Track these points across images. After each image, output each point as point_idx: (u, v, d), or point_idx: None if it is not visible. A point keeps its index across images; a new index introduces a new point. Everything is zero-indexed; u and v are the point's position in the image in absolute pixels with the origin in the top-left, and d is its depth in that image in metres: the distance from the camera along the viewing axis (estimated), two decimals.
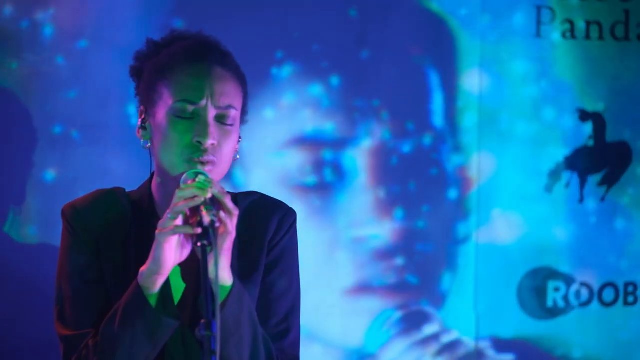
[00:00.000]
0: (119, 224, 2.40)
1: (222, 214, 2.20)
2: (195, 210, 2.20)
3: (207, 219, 2.15)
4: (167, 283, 2.28)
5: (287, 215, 2.46)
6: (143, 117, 2.40)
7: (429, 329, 4.01)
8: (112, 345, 2.24)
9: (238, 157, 2.40)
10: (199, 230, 2.14)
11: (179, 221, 2.21)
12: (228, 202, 2.22)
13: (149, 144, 2.38)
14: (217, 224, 2.16)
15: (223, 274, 2.23)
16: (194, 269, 2.32)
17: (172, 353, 2.32)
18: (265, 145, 3.78)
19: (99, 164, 3.57)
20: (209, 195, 2.20)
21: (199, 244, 2.14)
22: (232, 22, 3.67)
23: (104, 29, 3.58)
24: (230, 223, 2.21)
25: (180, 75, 2.34)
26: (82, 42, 3.57)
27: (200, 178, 2.24)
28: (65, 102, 3.56)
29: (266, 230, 2.43)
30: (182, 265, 2.29)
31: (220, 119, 2.34)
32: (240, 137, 2.40)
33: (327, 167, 3.86)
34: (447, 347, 4.02)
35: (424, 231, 3.98)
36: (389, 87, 3.90)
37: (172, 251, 2.22)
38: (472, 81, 3.98)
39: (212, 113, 2.33)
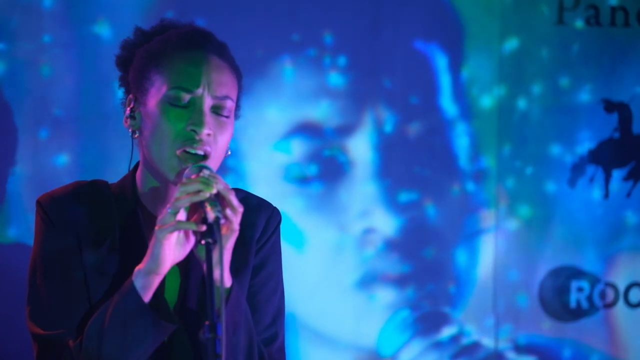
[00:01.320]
0: (101, 217, 2.36)
1: (227, 210, 2.18)
2: (197, 207, 2.16)
3: (212, 215, 2.12)
4: (160, 283, 2.24)
5: (273, 215, 2.48)
6: (132, 105, 2.37)
7: (447, 331, 3.97)
8: (99, 347, 2.18)
9: (229, 152, 2.38)
10: (204, 228, 2.11)
11: (181, 216, 2.18)
12: (233, 199, 2.20)
13: (138, 134, 2.36)
14: (222, 221, 2.13)
15: (225, 274, 2.19)
16: (187, 267, 2.30)
17: (162, 354, 2.26)
18: (271, 134, 3.71)
19: (99, 156, 3.52)
20: (214, 191, 2.17)
21: (202, 242, 2.10)
22: (243, 6, 3.66)
23: (106, 17, 3.55)
24: (236, 220, 2.19)
25: (175, 62, 2.32)
26: (84, 28, 3.55)
27: (205, 173, 2.21)
28: (61, 94, 3.53)
29: (254, 229, 2.43)
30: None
31: (216, 110, 2.32)
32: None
33: (336, 156, 3.81)
34: (466, 350, 3.98)
35: (441, 226, 3.93)
36: (403, 72, 3.86)
37: (171, 249, 2.19)
38: (491, 68, 3.95)
39: (208, 102, 2.31)
